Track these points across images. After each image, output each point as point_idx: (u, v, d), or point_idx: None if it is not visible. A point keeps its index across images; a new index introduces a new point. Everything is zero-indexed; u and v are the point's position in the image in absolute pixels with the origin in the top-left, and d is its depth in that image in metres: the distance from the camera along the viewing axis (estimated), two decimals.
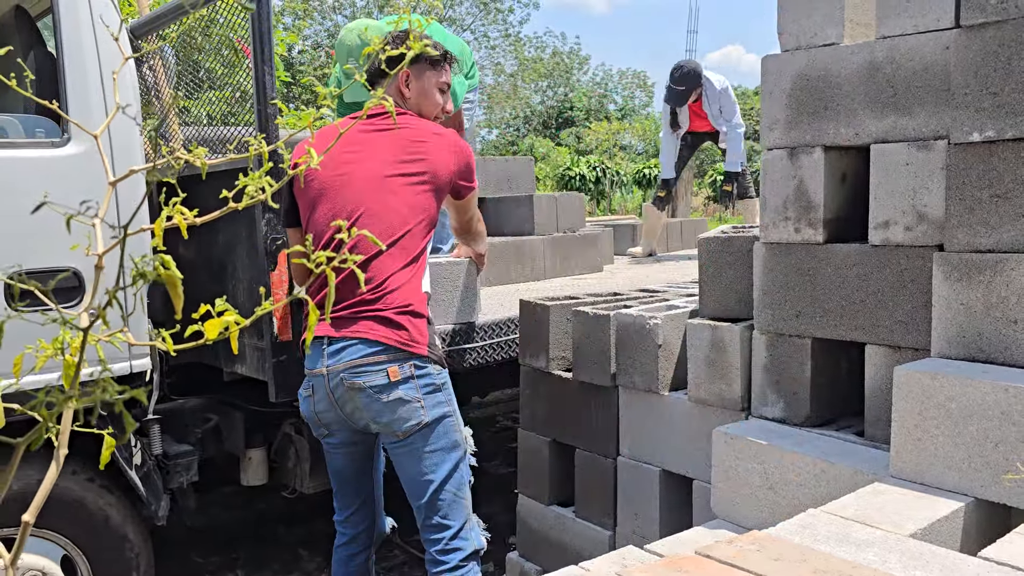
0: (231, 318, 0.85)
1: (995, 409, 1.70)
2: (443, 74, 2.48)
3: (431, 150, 2.33)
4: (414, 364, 2.20)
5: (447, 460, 2.25)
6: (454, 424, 2.28)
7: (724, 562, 1.43)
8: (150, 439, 2.88)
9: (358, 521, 2.49)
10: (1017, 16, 1.78)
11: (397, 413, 2.18)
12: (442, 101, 2.50)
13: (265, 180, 0.92)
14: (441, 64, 2.47)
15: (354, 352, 2.18)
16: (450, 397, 2.29)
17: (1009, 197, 1.82)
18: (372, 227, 2.18)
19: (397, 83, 2.42)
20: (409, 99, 2.44)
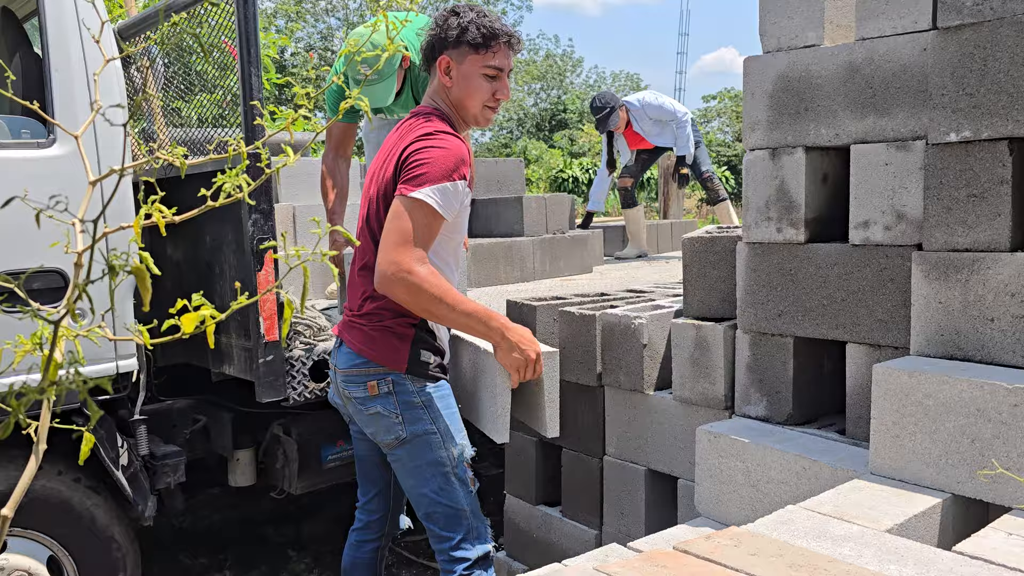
0: (207, 312, 0.86)
1: (971, 406, 1.72)
2: (491, 57, 2.16)
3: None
4: (392, 380, 2.14)
5: (435, 476, 2.18)
6: (438, 442, 2.17)
7: (701, 557, 1.45)
8: (137, 440, 2.88)
9: (373, 509, 2.47)
10: (993, 18, 1.81)
11: (377, 426, 2.18)
12: (492, 88, 2.18)
13: (242, 178, 0.93)
14: (488, 45, 2.15)
15: (343, 360, 2.21)
16: (436, 415, 2.17)
17: (985, 197, 1.85)
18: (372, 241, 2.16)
19: (439, 72, 2.19)
20: (451, 89, 2.19)
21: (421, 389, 2.16)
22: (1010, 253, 1.80)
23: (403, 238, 2.00)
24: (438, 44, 2.18)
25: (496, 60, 2.16)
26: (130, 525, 2.88)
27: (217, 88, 3.12)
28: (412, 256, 2.00)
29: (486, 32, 2.14)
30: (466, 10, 2.17)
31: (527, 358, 2.19)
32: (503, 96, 2.22)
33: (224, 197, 0.89)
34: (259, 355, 2.76)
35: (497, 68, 2.17)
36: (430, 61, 2.21)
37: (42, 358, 0.86)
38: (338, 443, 3.33)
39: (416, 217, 2.01)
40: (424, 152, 2.04)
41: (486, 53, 2.15)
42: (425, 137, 2.08)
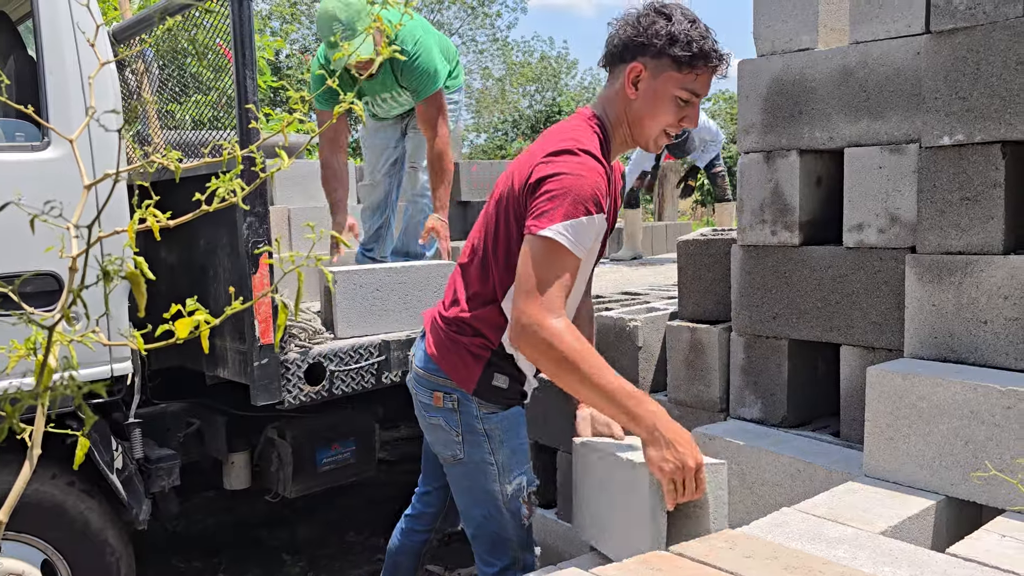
0: (201, 317, 0.86)
1: (964, 408, 1.72)
2: (695, 79, 1.82)
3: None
4: (458, 398, 1.96)
5: (486, 503, 2.02)
6: (494, 474, 1.99)
7: (696, 560, 1.45)
8: (131, 443, 2.87)
9: (430, 502, 2.33)
10: (986, 22, 1.82)
11: (436, 437, 2.04)
12: (680, 114, 1.85)
13: (237, 183, 0.93)
14: (694, 65, 1.80)
15: (419, 358, 2.06)
16: (498, 446, 1.97)
17: (979, 200, 1.86)
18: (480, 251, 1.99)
19: (624, 78, 1.85)
20: (634, 102, 1.86)
21: (488, 415, 1.96)
22: (1003, 256, 1.81)
23: (535, 286, 1.73)
24: (632, 46, 1.84)
25: (697, 84, 1.84)
26: (124, 529, 2.87)
27: (212, 90, 3.12)
28: (544, 307, 1.72)
29: (698, 50, 1.79)
30: (678, 15, 1.83)
31: (684, 465, 1.61)
32: (690, 124, 1.91)
33: (219, 201, 0.89)
34: (254, 358, 2.75)
35: (695, 93, 1.85)
36: (615, 60, 1.88)
37: (36, 363, 0.86)
38: (333, 446, 3.33)
39: (548, 261, 1.73)
40: (555, 180, 1.74)
41: (689, 74, 1.81)
42: (559, 156, 1.77)
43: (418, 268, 3.25)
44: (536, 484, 2.09)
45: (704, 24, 1.84)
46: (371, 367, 3.08)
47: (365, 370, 3.07)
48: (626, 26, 1.86)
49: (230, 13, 2.66)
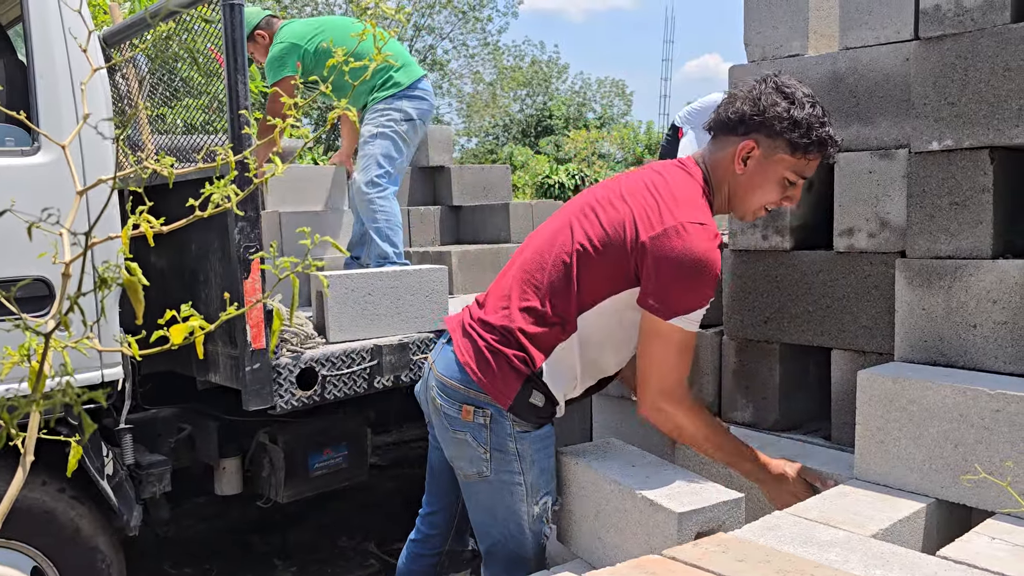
0: (196, 323, 0.86)
1: (954, 411, 1.74)
2: (807, 164, 1.85)
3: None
4: (491, 414, 1.88)
5: (509, 523, 1.97)
6: (522, 494, 1.93)
7: (689, 563, 1.46)
8: (122, 449, 2.86)
9: (436, 523, 2.25)
10: (973, 29, 1.83)
11: (460, 452, 1.95)
12: (780, 195, 1.89)
13: (231, 189, 0.93)
14: (808, 152, 1.82)
15: (444, 365, 1.96)
16: (529, 466, 1.92)
17: (967, 204, 1.87)
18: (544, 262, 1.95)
19: (736, 152, 1.86)
20: (740, 176, 1.88)
21: (521, 434, 1.91)
22: (991, 260, 1.83)
23: (668, 372, 1.83)
24: (749, 122, 1.84)
25: (808, 168, 1.86)
26: (115, 535, 2.86)
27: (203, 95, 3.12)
28: (674, 392, 1.86)
29: (816, 138, 1.81)
30: (800, 97, 1.82)
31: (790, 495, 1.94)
32: (791, 203, 1.95)
33: (212, 207, 0.89)
34: (245, 363, 2.74)
35: (803, 176, 1.88)
36: (726, 130, 1.89)
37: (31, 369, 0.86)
38: (325, 451, 3.32)
39: (680, 348, 1.82)
40: (692, 264, 1.74)
41: (802, 159, 1.83)
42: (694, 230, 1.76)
43: (410, 273, 3.26)
44: (559, 502, 2.06)
45: (822, 108, 1.85)
46: (363, 372, 3.08)
47: (357, 375, 3.07)
48: (745, 100, 1.85)
49: (222, 18, 2.66)
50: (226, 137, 2.76)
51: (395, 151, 3.75)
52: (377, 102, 3.77)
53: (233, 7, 2.65)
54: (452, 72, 29.58)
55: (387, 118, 3.75)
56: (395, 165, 3.77)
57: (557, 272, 1.88)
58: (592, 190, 2.02)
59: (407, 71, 3.82)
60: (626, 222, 1.82)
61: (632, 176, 1.97)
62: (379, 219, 3.73)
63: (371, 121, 3.74)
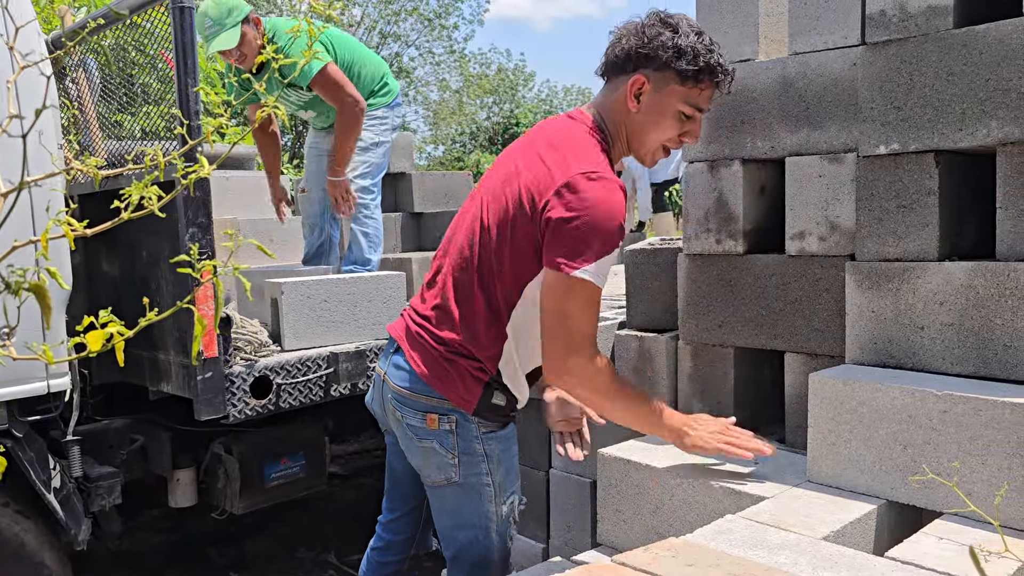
0: (114, 329, 0.83)
1: (903, 413, 1.75)
2: (699, 94, 1.81)
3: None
4: (456, 419, 1.87)
5: (477, 526, 1.95)
6: (490, 495, 1.93)
7: (639, 569, 1.44)
8: (70, 461, 2.80)
9: (400, 529, 2.20)
10: (918, 34, 1.85)
11: (427, 460, 1.92)
12: (678, 130, 1.84)
13: (153, 189, 0.90)
14: (699, 80, 1.78)
15: (400, 377, 1.92)
16: (496, 466, 1.92)
17: (914, 208, 1.89)
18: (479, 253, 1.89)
19: (626, 90, 1.81)
20: (633, 115, 1.83)
21: (487, 435, 1.90)
22: (938, 263, 1.84)
23: (574, 329, 1.75)
24: (636, 57, 1.79)
25: (701, 99, 1.81)
26: (63, 550, 2.79)
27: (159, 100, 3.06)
28: (584, 349, 1.77)
29: (704, 64, 1.76)
30: (685, 27, 1.79)
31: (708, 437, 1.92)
32: (691, 140, 1.88)
33: (134, 209, 0.86)
34: (197, 372, 2.69)
35: (698, 108, 1.83)
36: (616, 70, 1.84)
37: None
38: (282, 461, 3.27)
39: (584, 301, 1.74)
40: (587, 215, 1.69)
41: (693, 88, 1.79)
42: (585, 184, 1.70)
43: (367, 279, 3.23)
44: (524, 502, 2.05)
45: (709, 37, 1.81)
46: (319, 380, 3.04)
47: (313, 383, 3.03)
48: (630, 36, 1.80)
49: (171, 21, 2.62)
50: (176, 142, 2.72)
51: (385, 162, 3.82)
52: (376, 108, 3.75)
53: (183, 9, 2.61)
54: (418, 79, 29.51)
55: (385, 127, 3.79)
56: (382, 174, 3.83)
57: (482, 265, 1.84)
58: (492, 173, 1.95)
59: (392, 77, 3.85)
60: (523, 197, 1.77)
61: (522, 145, 1.91)
62: (370, 226, 3.77)
63: (371, 128, 3.71)
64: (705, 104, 1.83)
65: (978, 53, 1.76)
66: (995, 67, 1.74)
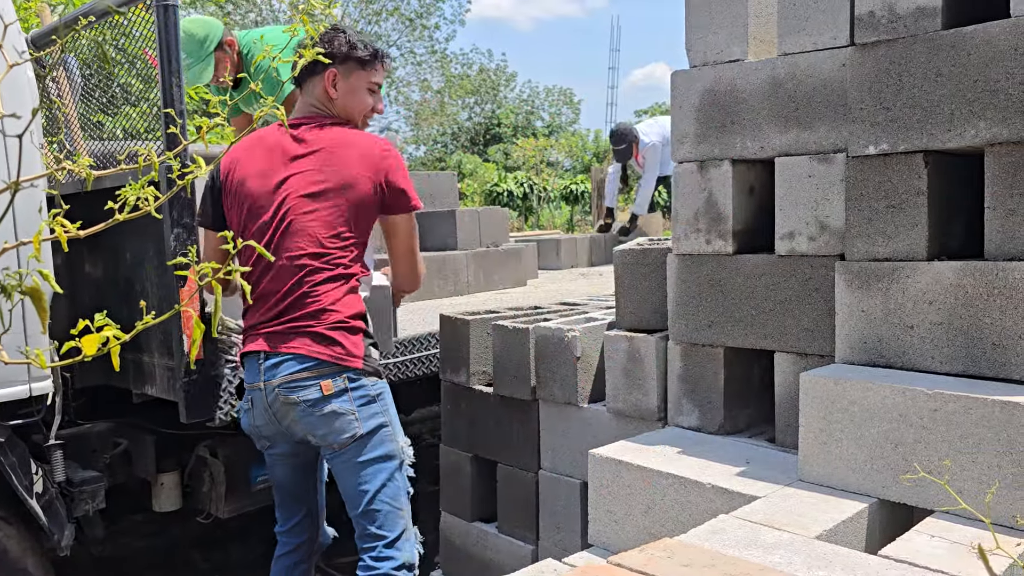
0: (110, 333, 0.81)
1: (894, 412, 1.76)
2: (374, 74, 2.39)
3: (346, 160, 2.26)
4: (348, 377, 2.19)
5: (382, 470, 2.23)
6: (390, 434, 2.26)
7: (634, 570, 1.44)
8: (52, 466, 2.75)
9: (300, 531, 2.45)
10: (907, 35, 1.87)
11: (332, 426, 2.18)
12: (372, 102, 2.41)
13: (149, 191, 0.88)
14: (372, 63, 2.37)
15: (288, 367, 2.18)
16: (386, 407, 2.27)
17: (904, 208, 1.90)
18: (295, 242, 2.20)
19: (323, 83, 2.33)
20: (336, 100, 2.35)
21: (375, 383, 2.24)
22: (927, 262, 1.86)
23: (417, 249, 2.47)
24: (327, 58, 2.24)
25: (377, 76, 2.39)
26: (45, 555, 2.74)
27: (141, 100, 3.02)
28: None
29: (372, 51, 2.36)
30: (350, 29, 2.39)
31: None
32: (380, 110, 2.45)
33: (129, 210, 0.84)
34: (183, 374, 2.66)
35: (377, 84, 2.40)
36: (308, 75, 2.32)
37: None
38: None
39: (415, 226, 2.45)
40: (401, 165, 2.34)
41: (371, 70, 2.36)
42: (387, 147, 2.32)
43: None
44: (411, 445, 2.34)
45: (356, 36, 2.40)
46: None
47: None
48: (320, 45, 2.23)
49: (155, 20, 2.59)
50: (160, 142, 2.68)
51: None
52: None
53: (167, 7, 2.57)
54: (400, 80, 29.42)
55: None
56: None
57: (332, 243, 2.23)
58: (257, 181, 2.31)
59: None
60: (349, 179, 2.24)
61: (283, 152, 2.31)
62: None
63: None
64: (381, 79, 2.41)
65: (966, 54, 1.77)
66: (983, 68, 1.75)
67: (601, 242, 7.17)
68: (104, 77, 3.25)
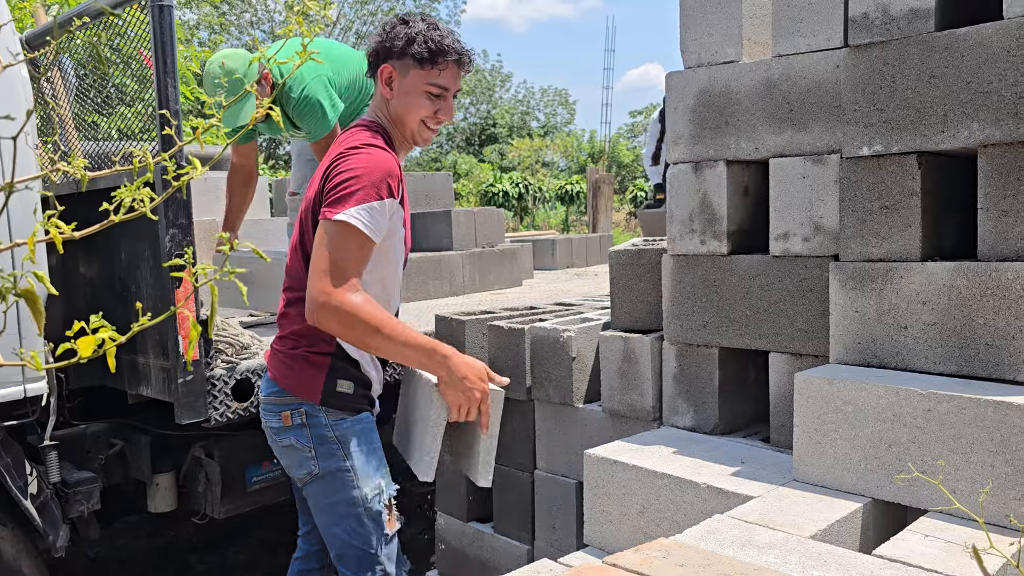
0: (105, 334, 0.81)
1: (888, 412, 1.76)
2: (438, 74, 2.03)
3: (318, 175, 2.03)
4: (305, 411, 2.02)
5: (349, 515, 2.03)
6: (351, 480, 2.02)
7: (630, 570, 1.44)
8: (47, 467, 2.75)
9: (315, 539, 2.30)
10: (900, 37, 1.87)
11: (290, 459, 2.08)
12: (430, 107, 2.05)
13: (144, 192, 0.88)
14: (435, 62, 2.02)
15: (264, 387, 2.14)
16: (350, 451, 2.03)
17: (897, 209, 1.91)
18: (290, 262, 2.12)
19: (380, 81, 2.08)
20: (391, 101, 2.07)
21: (336, 423, 2.03)
22: (921, 263, 1.86)
23: (331, 265, 1.86)
24: (382, 52, 2.05)
25: (441, 79, 2.04)
26: (40, 557, 2.74)
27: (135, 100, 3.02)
28: (342, 284, 1.87)
29: (434, 47, 2.00)
30: (416, 20, 2.05)
31: (470, 398, 2.01)
32: (445, 117, 2.09)
33: (125, 211, 0.84)
34: (178, 375, 2.66)
35: (442, 87, 2.04)
36: (373, 69, 2.09)
37: None
38: (264, 464, 3.24)
39: (343, 242, 1.88)
40: (347, 170, 1.91)
41: (431, 70, 2.02)
42: (350, 152, 1.95)
43: None
44: (396, 490, 2.12)
45: (446, 27, 2.08)
46: None
47: None
48: (376, 36, 2.07)
49: (150, 20, 2.59)
50: (155, 143, 2.68)
51: None
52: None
53: (163, 8, 2.57)
54: None
55: None
56: None
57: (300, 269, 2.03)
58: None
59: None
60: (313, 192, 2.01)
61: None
62: None
63: None
64: (448, 82, 2.05)
65: (959, 56, 1.78)
66: (976, 70, 1.76)
67: (596, 242, 7.19)
68: (99, 77, 3.25)
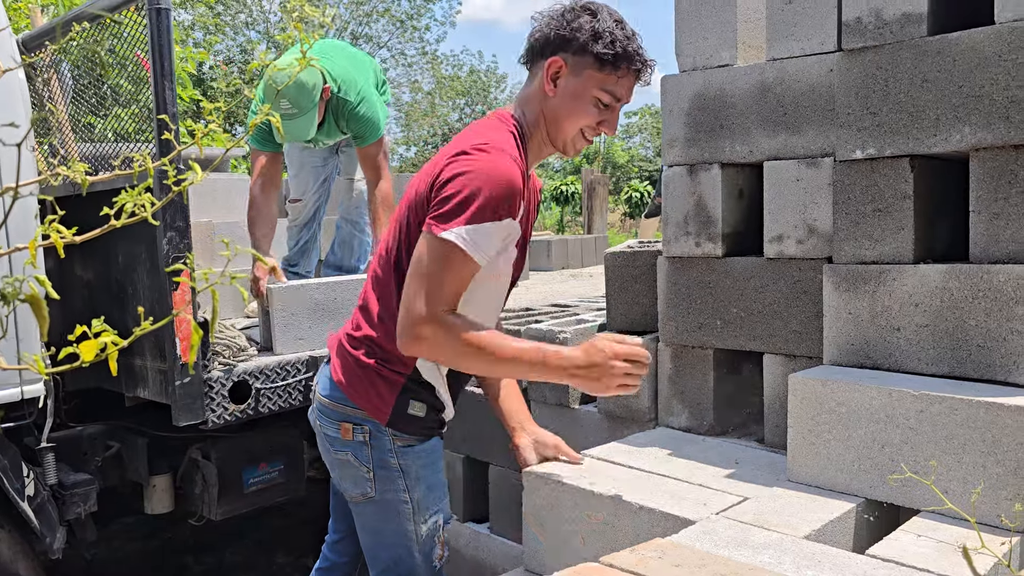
0: (108, 339, 0.82)
1: (880, 413, 1.78)
2: (617, 81, 1.72)
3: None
4: (370, 430, 1.80)
5: (397, 545, 1.87)
6: (408, 513, 1.84)
7: (626, 570, 1.45)
8: (44, 469, 2.75)
9: (342, 551, 2.12)
10: (893, 41, 1.89)
11: (344, 473, 1.87)
12: (596, 117, 1.75)
13: (146, 197, 0.89)
14: (617, 66, 1.70)
15: (324, 387, 1.88)
16: (414, 483, 1.83)
17: (890, 211, 1.92)
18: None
19: (544, 73, 1.74)
20: (551, 99, 1.75)
21: (403, 449, 1.82)
22: (913, 265, 1.88)
23: (425, 288, 1.63)
24: (556, 41, 1.73)
25: (619, 87, 1.73)
26: (37, 559, 2.74)
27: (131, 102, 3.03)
28: (434, 310, 1.63)
29: (621, 51, 1.70)
30: (604, 14, 1.73)
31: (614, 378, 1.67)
32: (609, 131, 1.78)
33: (127, 216, 0.85)
34: (175, 377, 2.67)
35: (616, 97, 1.75)
36: (536, 56, 1.77)
37: None
38: (260, 466, 3.24)
39: (446, 263, 1.62)
40: (465, 175, 1.61)
41: (611, 74, 1.71)
42: (474, 152, 1.65)
43: (356, 283, 3.21)
44: (451, 521, 1.97)
45: (631, 27, 1.75)
46: (299, 384, 3.02)
47: (292, 387, 3.01)
48: (550, 20, 1.75)
49: (148, 23, 2.59)
50: (152, 145, 2.69)
51: None
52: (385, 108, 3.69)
53: (159, 11, 2.58)
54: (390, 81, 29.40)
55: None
56: None
57: (398, 263, 1.78)
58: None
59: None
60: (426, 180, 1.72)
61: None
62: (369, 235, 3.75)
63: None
64: (623, 93, 1.76)
65: (952, 60, 1.80)
66: (968, 74, 1.78)
67: (591, 244, 7.21)
68: (96, 79, 3.26)
